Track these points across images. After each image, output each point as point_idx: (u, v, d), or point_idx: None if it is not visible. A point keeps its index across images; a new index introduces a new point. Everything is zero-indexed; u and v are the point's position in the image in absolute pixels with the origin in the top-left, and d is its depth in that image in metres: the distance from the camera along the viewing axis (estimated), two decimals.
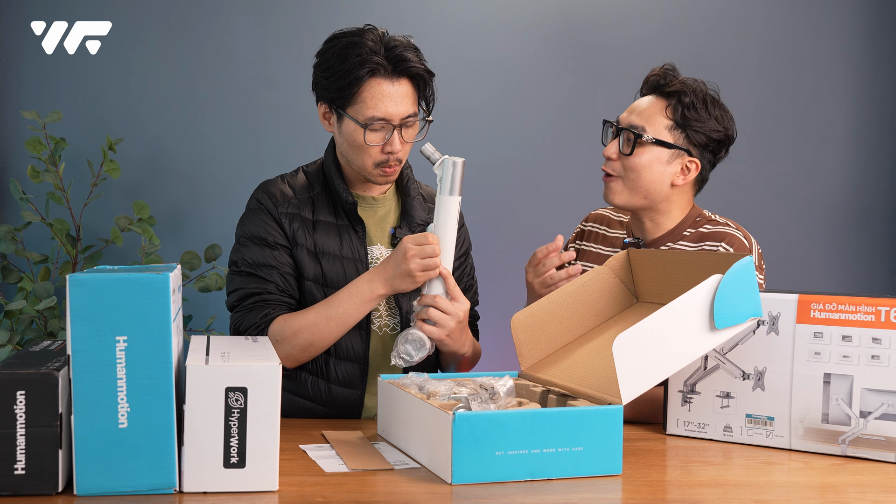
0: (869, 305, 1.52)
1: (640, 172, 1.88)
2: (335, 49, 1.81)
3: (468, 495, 1.28)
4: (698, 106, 1.87)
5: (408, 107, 1.81)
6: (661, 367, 1.45)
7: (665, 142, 1.87)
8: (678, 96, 1.87)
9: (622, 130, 1.90)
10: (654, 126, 1.88)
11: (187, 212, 3.05)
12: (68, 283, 1.21)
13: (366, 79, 1.77)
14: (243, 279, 1.85)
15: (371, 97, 1.78)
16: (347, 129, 1.82)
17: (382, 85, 1.78)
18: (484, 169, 3.15)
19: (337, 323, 1.79)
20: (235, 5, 3.05)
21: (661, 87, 1.91)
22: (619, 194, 1.91)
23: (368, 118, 1.78)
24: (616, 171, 1.91)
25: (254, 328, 1.81)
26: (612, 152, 1.91)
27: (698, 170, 1.90)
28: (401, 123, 1.81)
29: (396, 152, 1.81)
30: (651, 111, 1.89)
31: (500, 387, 1.53)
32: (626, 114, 1.93)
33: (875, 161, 3.37)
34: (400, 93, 1.80)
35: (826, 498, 1.33)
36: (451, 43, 3.09)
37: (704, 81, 1.92)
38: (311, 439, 1.59)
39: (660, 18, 3.25)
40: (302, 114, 3.01)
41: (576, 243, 2.10)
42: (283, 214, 1.87)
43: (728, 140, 1.92)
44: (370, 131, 1.80)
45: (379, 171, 1.84)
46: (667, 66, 1.93)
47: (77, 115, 2.94)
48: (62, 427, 1.23)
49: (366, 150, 1.81)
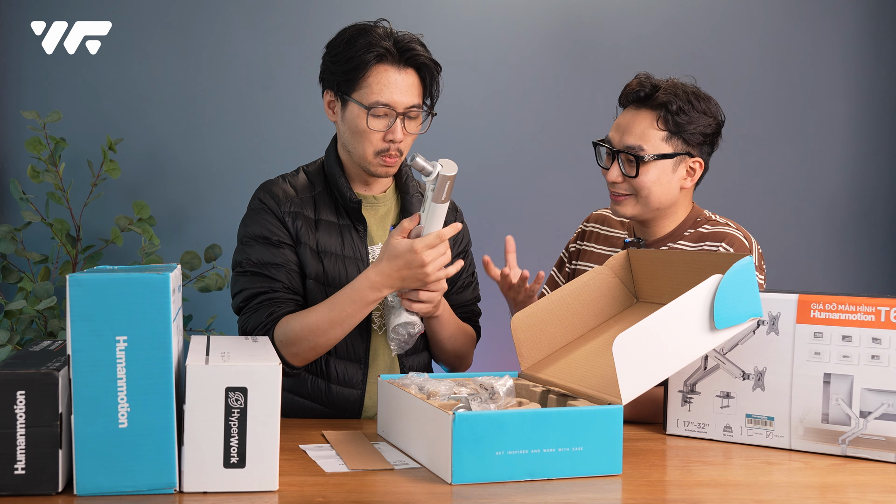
0: (869, 305, 1.52)
1: (651, 189, 1.87)
2: (345, 36, 1.83)
3: (468, 495, 1.28)
4: (686, 108, 1.85)
5: (412, 97, 1.81)
6: (661, 367, 1.45)
7: (666, 154, 1.86)
8: (665, 107, 1.85)
9: (619, 153, 1.88)
10: (650, 142, 1.86)
11: (187, 212, 3.05)
12: (68, 283, 1.21)
13: (372, 63, 1.79)
14: (249, 279, 1.85)
15: (377, 82, 1.79)
16: (351, 114, 1.82)
17: (389, 71, 1.79)
18: (484, 168, 3.16)
19: (341, 325, 1.77)
20: (235, 5, 3.05)
21: (643, 100, 1.88)
22: (632, 208, 1.90)
23: (373, 102, 1.79)
24: (625, 191, 1.89)
25: (261, 327, 1.81)
26: (616, 177, 1.89)
27: (702, 167, 1.90)
28: (404, 112, 1.81)
29: (398, 141, 1.81)
30: (642, 128, 1.87)
31: (499, 386, 1.53)
32: (616, 134, 1.90)
33: (875, 161, 3.37)
34: (406, 82, 1.80)
35: (826, 498, 1.33)
36: (451, 43, 3.09)
37: (678, 78, 1.90)
38: (311, 439, 1.59)
39: (660, 18, 3.25)
40: (302, 114, 3.01)
41: (577, 243, 2.10)
42: (286, 213, 1.87)
43: (720, 126, 1.91)
44: (373, 116, 1.80)
45: (379, 161, 1.84)
46: (640, 75, 1.91)
47: (77, 115, 2.94)
48: (62, 427, 1.23)
49: (367, 136, 1.81)
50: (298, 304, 1.86)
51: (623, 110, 1.93)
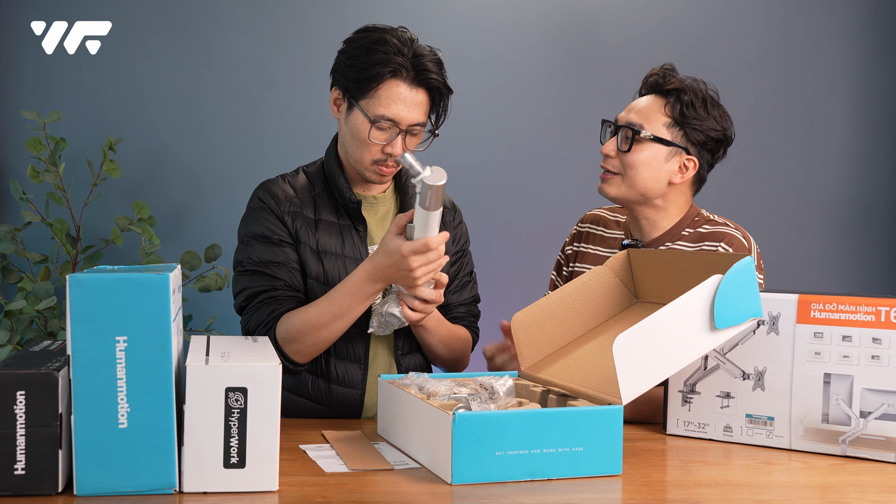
0: (869, 305, 1.52)
1: (638, 169, 1.88)
2: (364, 41, 1.82)
3: (468, 495, 1.28)
4: (697, 104, 1.87)
5: (419, 115, 1.82)
6: (661, 368, 1.45)
7: (663, 139, 1.87)
8: (677, 94, 1.88)
9: (620, 128, 1.91)
10: (652, 123, 1.88)
11: (187, 212, 3.05)
12: (68, 283, 1.21)
13: (386, 77, 1.79)
14: (250, 278, 1.85)
15: (387, 96, 1.79)
16: (355, 120, 1.83)
17: (400, 87, 1.80)
18: (483, 168, 3.16)
19: (342, 318, 1.78)
20: (235, 5, 3.05)
21: (660, 86, 1.91)
22: (616, 187, 1.91)
23: (378, 115, 1.80)
24: (615, 168, 1.91)
25: (262, 325, 1.81)
26: (610, 150, 1.91)
27: (696, 168, 1.90)
28: (407, 129, 1.82)
29: (396, 155, 1.82)
30: (650, 109, 1.90)
31: (499, 386, 1.53)
32: (624, 112, 1.94)
33: (875, 161, 3.37)
34: (415, 100, 1.81)
35: (826, 498, 1.33)
36: (451, 42, 3.09)
37: (704, 82, 1.92)
38: (311, 439, 1.59)
39: (660, 18, 3.25)
40: (303, 114, 3.01)
41: (572, 246, 2.10)
42: (286, 213, 1.87)
43: (726, 140, 1.92)
44: (376, 129, 1.81)
45: (375, 169, 1.85)
46: (666, 65, 1.94)
47: (77, 115, 2.94)
48: (62, 427, 1.23)
49: (367, 145, 1.82)
50: (300, 301, 1.86)
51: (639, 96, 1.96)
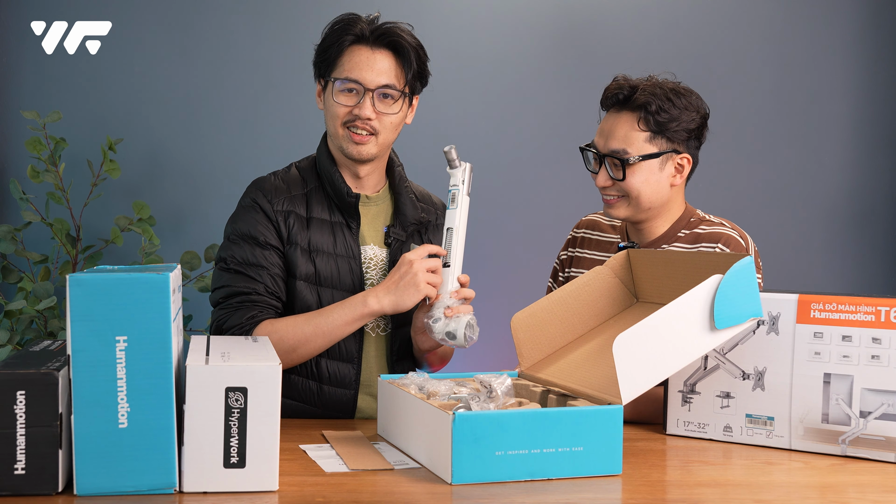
0: (869, 305, 1.52)
1: (641, 190, 1.87)
2: (330, 25, 1.89)
3: (468, 495, 1.28)
4: (666, 107, 1.85)
5: (386, 78, 1.84)
6: (662, 368, 1.45)
7: (651, 154, 1.86)
8: (644, 107, 1.85)
9: (605, 157, 1.88)
10: (634, 144, 1.86)
11: (187, 212, 3.05)
12: (68, 283, 1.21)
13: (347, 45, 1.85)
14: (231, 277, 1.84)
15: (349, 61, 1.84)
16: (328, 94, 1.87)
17: (362, 51, 1.85)
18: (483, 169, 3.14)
19: (325, 333, 1.78)
20: (235, 5, 3.05)
21: (623, 103, 1.88)
22: (624, 209, 1.91)
23: (343, 78, 1.84)
24: (616, 193, 1.90)
25: (238, 328, 1.80)
26: (604, 181, 1.90)
27: (690, 163, 1.90)
28: (375, 90, 1.83)
29: (364, 117, 1.82)
30: (624, 131, 1.87)
31: (497, 385, 1.53)
32: (600, 139, 1.90)
33: (875, 161, 3.37)
34: (379, 62, 1.84)
35: (826, 498, 1.33)
36: (451, 42, 3.09)
37: (655, 76, 1.90)
38: (311, 439, 1.59)
39: (660, 18, 3.25)
40: (302, 114, 3.01)
41: (568, 251, 2.09)
42: (279, 213, 1.86)
43: (704, 119, 1.91)
44: (340, 91, 1.84)
45: (346, 135, 1.85)
46: (618, 77, 1.91)
47: (77, 115, 2.94)
48: (62, 427, 1.23)
49: (335, 108, 1.85)
50: (278, 310, 1.85)
51: (605, 114, 1.93)
